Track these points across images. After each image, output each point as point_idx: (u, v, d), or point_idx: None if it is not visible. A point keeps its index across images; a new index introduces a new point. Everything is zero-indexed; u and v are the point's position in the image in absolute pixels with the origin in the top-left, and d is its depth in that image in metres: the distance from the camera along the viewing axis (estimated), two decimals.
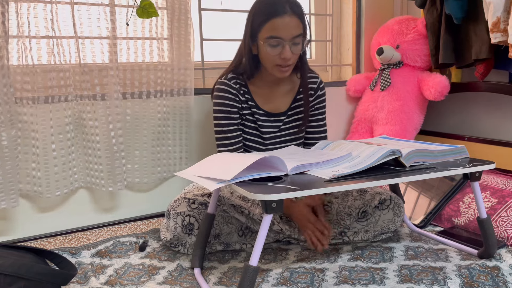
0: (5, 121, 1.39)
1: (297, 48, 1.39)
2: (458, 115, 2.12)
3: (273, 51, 1.37)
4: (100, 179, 1.59)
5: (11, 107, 1.40)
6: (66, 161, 1.54)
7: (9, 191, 1.42)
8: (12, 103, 1.40)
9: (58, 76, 1.50)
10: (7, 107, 1.39)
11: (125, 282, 1.23)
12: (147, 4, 1.37)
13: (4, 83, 1.37)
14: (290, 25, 1.35)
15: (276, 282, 1.21)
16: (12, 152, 1.41)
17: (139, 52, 1.63)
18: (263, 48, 1.38)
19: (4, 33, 1.35)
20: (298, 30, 1.37)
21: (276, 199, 0.96)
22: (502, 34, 1.57)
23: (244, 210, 1.42)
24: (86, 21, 1.51)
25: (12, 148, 1.41)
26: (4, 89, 1.38)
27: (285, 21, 1.34)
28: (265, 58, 1.41)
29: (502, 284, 1.16)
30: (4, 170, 1.40)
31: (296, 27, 1.36)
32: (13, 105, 1.41)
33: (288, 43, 1.36)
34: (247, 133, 1.51)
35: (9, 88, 1.39)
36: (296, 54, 1.40)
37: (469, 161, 1.25)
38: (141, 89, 1.64)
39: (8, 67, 1.38)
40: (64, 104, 1.52)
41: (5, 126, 1.39)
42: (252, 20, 1.39)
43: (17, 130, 1.43)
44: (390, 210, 1.47)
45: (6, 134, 1.39)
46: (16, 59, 1.43)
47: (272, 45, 1.36)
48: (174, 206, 1.39)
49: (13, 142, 1.41)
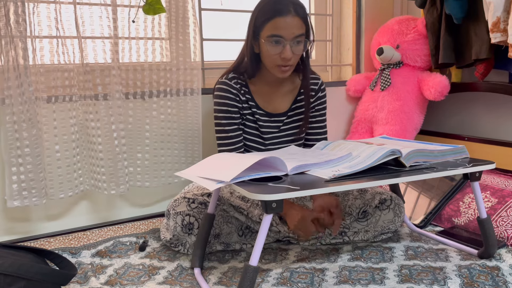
0: (26, 120, 1.40)
1: (298, 49, 1.39)
2: (458, 115, 2.12)
3: (274, 50, 1.37)
4: (102, 182, 1.58)
5: (30, 106, 1.40)
6: (71, 163, 1.53)
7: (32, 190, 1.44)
8: (31, 103, 1.40)
9: (62, 76, 1.49)
10: (26, 106, 1.39)
11: (125, 282, 1.23)
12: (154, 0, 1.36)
13: (22, 82, 1.38)
14: (292, 25, 1.35)
15: (276, 282, 1.21)
16: (33, 151, 1.42)
17: (141, 51, 1.62)
18: (265, 46, 1.38)
19: (20, 33, 1.35)
20: (300, 31, 1.37)
21: (276, 199, 0.96)
22: (502, 34, 1.57)
23: (243, 210, 1.42)
24: (88, 21, 1.51)
25: (33, 147, 1.42)
26: (22, 88, 1.38)
27: (288, 21, 1.35)
28: (266, 57, 1.41)
29: (502, 284, 1.16)
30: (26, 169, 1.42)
31: (298, 28, 1.36)
32: (32, 105, 1.41)
33: (289, 42, 1.36)
34: (247, 133, 1.51)
35: (28, 87, 1.39)
36: (297, 54, 1.40)
37: (469, 161, 1.25)
38: (143, 89, 1.64)
39: (26, 66, 1.38)
40: (69, 105, 1.51)
41: (26, 125, 1.40)
42: (255, 18, 1.40)
43: (37, 130, 1.44)
44: (391, 210, 1.47)
45: (27, 133, 1.40)
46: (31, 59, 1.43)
47: (273, 44, 1.37)
48: (174, 205, 1.39)
49: (34, 141, 1.42)
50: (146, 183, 1.69)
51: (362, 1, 2.18)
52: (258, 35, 1.40)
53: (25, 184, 1.43)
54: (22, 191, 1.43)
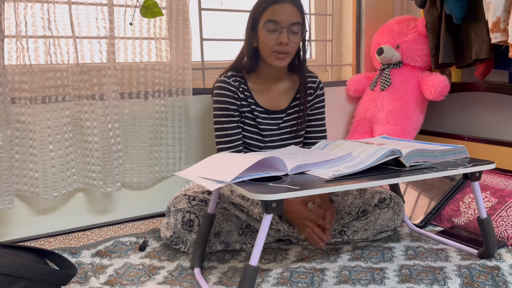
0: (1, 121, 1.38)
1: (295, 37, 1.43)
2: (458, 115, 2.12)
3: (271, 36, 1.42)
4: (97, 180, 1.58)
5: (7, 107, 1.40)
6: (64, 161, 1.54)
7: (4, 192, 1.41)
8: (8, 103, 1.40)
9: (55, 76, 1.49)
10: (3, 107, 1.38)
11: (125, 282, 1.23)
12: (151, 4, 1.37)
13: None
14: (289, 12, 1.41)
15: (276, 282, 1.21)
16: (7, 152, 1.41)
17: (137, 52, 1.63)
18: (262, 33, 1.42)
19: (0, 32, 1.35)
20: (296, 18, 1.43)
21: (276, 199, 0.96)
22: (502, 34, 1.57)
23: (244, 208, 1.42)
24: (84, 21, 1.51)
25: (7, 148, 1.40)
26: (0, 89, 1.37)
27: (284, 8, 1.41)
28: (264, 44, 1.44)
29: (502, 284, 1.16)
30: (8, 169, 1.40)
31: (294, 15, 1.42)
32: (9, 105, 1.40)
33: (285, 28, 1.41)
34: (246, 130, 1.51)
35: (5, 87, 1.38)
36: (293, 42, 1.44)
37: (469, 161, 1.25)
38: (139, 89, 1.64)
39: (3, 66, 1.37)
40: (62, 104, 1.51)
41: (1, 126, 1.38)
42: (254, 11, 1.46)
43: (14, 130, 1.43)
44: (390, 209, 1.47)
45: (2, 134, 1.39)
46: (15, 59, 1.42)
47: (270, 30, 1.42)
48: (174, 202, 1.40)
49: (9, 142, 1.41)
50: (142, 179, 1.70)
51: (362, 1, 2.18)
52: (256, 25, 1.44)
53: None
54: None
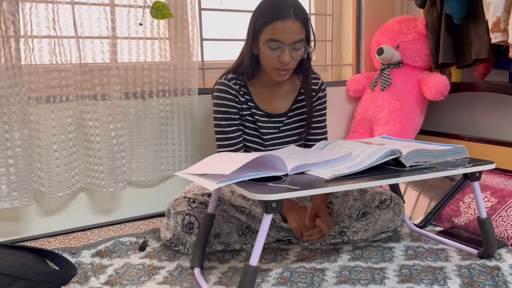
0: (18, 121, 1.40)
1: (297, 54, 1.38)
2: (458, 115, 2.12)
3: (273, 54, 1.37)
4: (100, 180, 1.58)
5: (23, 106, 1.40)
6: (68, 161, 1.54)
7: (22, 190, 1.43)
8: (25, 103, 1.41)
9: (59, 76, 1.50)
10: (19, 106, 1.39)
11: (125, 282, 1.23)
12: (161, 5, 1.36)
13: (15, 82, 1.38)
14: (291, 30, 1.34)
15: (276, 282, 1.21)
16: (25, 151, 1.42)
17: (140, 52, 1.63)
18: (263, 50, 1.38)
19: (15, 33, 1.36)
20: (299, 36, 1.36)
21: (276, 199, 0.96)
22: (502, 34, 1.57)
23: (245, 209, 1.42)
24: (86, 21, 1.51)
25: (25, 147, 1.42)
26: (16, 89, 1.38)
27: (287, 25, 1.33)
28: (265, 60, 1.41)
29: (502, 284, 1.16)
30: (17, 169, 1.41)
31: (298, 32, 1.35)
32: (25, 105, 1.41)
33: (288, 47, 1.35)
34: (247, 134, 1.51)
35: (21, 87, 1.39)
36: (295, 59, 1.39)
37: (469, 161, 1.25)
38: (143, 89, 1.65)
39: (20, 66, 1.38)
40: (66, 104, 1.52)
41: (18, 125, 1.40)
42: (255, 20, 1.39)
43: (30, 130, 1.44)
44: (390, 210, 1.47)
45: (20, 133, 1.40)
46: (23, 59, 1.43)
47: (272, 48, 1.36)
48: (174, 205, 1.39)
49: (26, 141, 1.42)
50: (148, 178, 1.70)
51: (362, 1, 2.18)
52: (257, 38, 1.39)
53: (15, 185, 1.42)
54: (12, 192, 1.42)
